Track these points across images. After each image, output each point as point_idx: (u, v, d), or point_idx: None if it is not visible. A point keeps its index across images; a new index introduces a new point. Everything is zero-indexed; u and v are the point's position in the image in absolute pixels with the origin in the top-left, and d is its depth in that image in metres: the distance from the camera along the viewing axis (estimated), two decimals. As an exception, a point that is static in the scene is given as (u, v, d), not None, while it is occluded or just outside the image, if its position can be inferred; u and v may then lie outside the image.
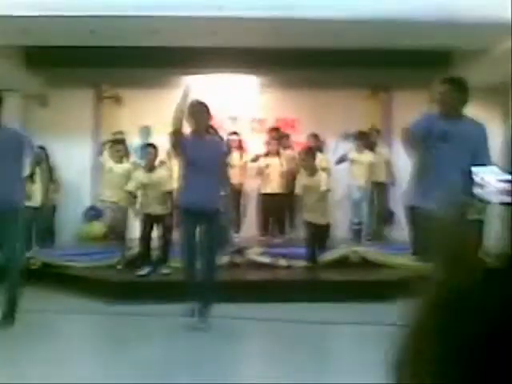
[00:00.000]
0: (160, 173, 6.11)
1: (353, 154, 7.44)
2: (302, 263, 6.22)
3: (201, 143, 4.30)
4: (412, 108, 8.27)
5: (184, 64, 7.79)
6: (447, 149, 3.47)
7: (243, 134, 8.23)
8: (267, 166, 7.36)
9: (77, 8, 5.49)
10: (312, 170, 6.12)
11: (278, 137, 7.70)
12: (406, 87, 8.15)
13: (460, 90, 3.62)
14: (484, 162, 3.44)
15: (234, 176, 6.62)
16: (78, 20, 5.66)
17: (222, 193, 4.56)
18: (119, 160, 6.68)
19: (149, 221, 5.97)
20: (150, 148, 6.15)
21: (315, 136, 7.69)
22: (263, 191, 7.50)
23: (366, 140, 7.54)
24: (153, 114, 7.98)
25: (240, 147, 7.53)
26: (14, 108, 7.93)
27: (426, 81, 8.07)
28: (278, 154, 7.43)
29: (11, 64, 7.36)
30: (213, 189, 4.27)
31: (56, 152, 7.71)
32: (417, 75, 7.82)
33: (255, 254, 6.45)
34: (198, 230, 4.28)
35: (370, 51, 7.20)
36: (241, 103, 8.68)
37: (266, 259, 6.37)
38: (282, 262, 6.36)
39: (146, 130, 8.07)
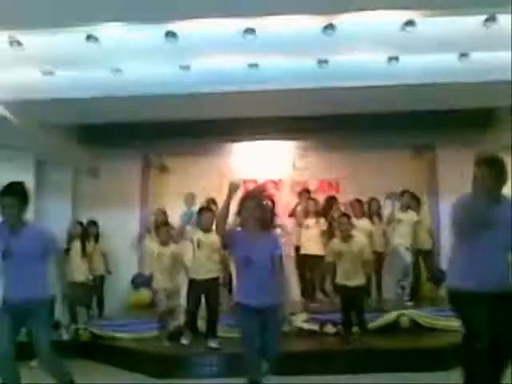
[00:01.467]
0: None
1: (398, 214, 7.33)
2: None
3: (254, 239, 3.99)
4: (456, 167, 8.29)
5: (227, 133, 8.03)
6: (489, 235, 3.33)
7: (285, 196, 8.43)
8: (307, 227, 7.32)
9: (127, 87, 5.79)
10: (347, 236, 5.90)
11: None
12: (451, 146, 8.12)
13: (499, 172, 3.38)
14: None
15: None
16: (129, 98, 5.96)
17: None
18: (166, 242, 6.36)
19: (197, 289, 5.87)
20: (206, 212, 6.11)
21: (359, 201, 7.64)
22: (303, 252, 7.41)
23: (409, 198, 7.43)
24: (197, 180, 8.20)
25: None
26: (66, 181, 8.36)
27: (471, 139, 8.09)
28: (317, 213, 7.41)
29: (63, 139, 7.75)
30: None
31: (105, 222, 7.96)
32: (461, 134, 7.81)
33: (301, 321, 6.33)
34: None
35: (414, 112, 7.25)
36: (283, 168, 8.83)
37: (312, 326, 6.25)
38: (329, 329, 6.22)
39: (190, 197, 8.20)
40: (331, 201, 7.79)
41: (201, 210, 6.22)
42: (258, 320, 3.87)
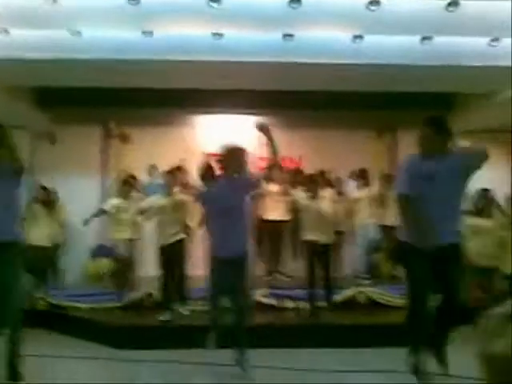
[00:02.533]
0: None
1: (360, 191, 7.45)
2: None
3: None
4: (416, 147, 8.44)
5: (191, 104, 7.95)
6: (434, 187, 3.49)
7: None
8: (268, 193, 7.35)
9: (87, 50, 5.62)
10: (315, 195, 5.93)
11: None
12: (412, 128, 8.21)
13: (441, 132, 3.59)
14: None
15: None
16: (88, 62, 5.79)
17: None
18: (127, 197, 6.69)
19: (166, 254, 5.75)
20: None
21: (322, 173, 7.70)
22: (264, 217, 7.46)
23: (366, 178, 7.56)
24: (160, 152, 8.10)
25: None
26: (23, 145, 8.09)
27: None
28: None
29: (21, 102, 7.51)
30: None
31: (64, 189, 7.80)
32: (422, 115, 7.91)
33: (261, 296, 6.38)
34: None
35: (374, 93, 7.32)
36: (245, 143, 8.76)
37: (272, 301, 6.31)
38: (289, 304, 6.30)
39: (153, 169, 8.09)
40: (296, 172, 7.82)
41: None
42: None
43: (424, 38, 5.56)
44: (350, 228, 7.62)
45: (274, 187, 7.33)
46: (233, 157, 4.35)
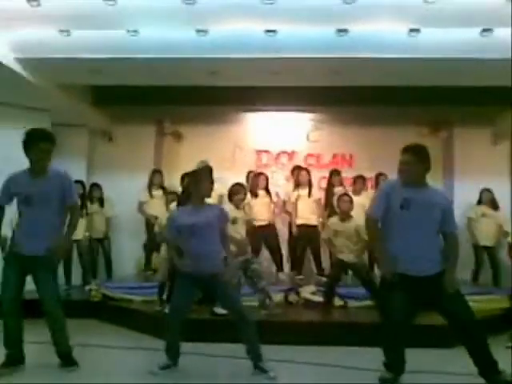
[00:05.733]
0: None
1: None
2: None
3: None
4: (474, 145, 8.18)
5: (242, 102, 8.00)
6: (409, 216, 3.60)
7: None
8: (299, 197, 7.22)
9: (143, 50, 5.76)
10: (347, 216, 6.02)
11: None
12: (469, 124, 8.02)
13: (421, 160, 3.66)
14: (450, 227, 3.72)
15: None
16: (142, 61, 5.93)
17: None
18: None
19: None
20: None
21: (362, 178, 7.64)
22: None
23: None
24: (212, 149, 8.21)
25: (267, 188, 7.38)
26: (81, 142, 8.39)
27: (489, 118, 7.97)
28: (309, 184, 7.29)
29: (78, 101, 7.76)
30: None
31: (118, 186, 8.04)
32: (479, 112, 7.70)
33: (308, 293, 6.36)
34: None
35: (429, 88, 7.14)
36: (297, 140, 8.79)
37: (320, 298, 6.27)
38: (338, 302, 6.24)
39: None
40: (334, 173, 7.77)
41: None
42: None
43: (484, 30, 5.37)
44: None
45: (303, 191, 7.25)
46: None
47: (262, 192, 7.17)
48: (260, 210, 6.98)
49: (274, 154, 8.84)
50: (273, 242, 7.12)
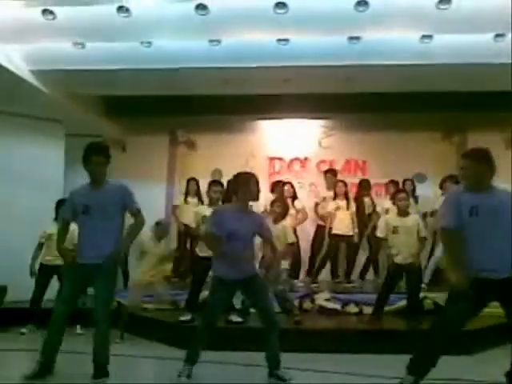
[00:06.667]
0: None
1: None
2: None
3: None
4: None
5: (255, 110, 8.03)
6: (478, 223, 3.44)
7: (313, 175, 8.51)
8: (338, 208, 7.23)
9: (155, 60, 5.81)
10: (404, 212, 5.68)
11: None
12: (483, 130, 7.95)
13: (482, 163, 3.51)
14: None
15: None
16: (156, 71, 5.99)
17: None
18: None
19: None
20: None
21: (394, 182, 7.55)
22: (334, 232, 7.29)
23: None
24: (224, 157, 8.23)
25: (294, 196, 7.46)
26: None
27: (502, 123, 7.89)
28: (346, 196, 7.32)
29: (92, 112, 7.84)
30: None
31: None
32: (492, 117, 7.65)
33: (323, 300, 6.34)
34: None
35: (441, 94, 7.13)
36: (310, 146, 8.80)
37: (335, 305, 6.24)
38: (352, 309, 6.21)
39: (217, 173, 8.27)
40: (364, 183, 7.74)
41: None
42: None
43: (497, 36, 5.36)
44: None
45: (341, 202, 7.26)
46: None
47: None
48: None
49: (286, 160, 8.86)
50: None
